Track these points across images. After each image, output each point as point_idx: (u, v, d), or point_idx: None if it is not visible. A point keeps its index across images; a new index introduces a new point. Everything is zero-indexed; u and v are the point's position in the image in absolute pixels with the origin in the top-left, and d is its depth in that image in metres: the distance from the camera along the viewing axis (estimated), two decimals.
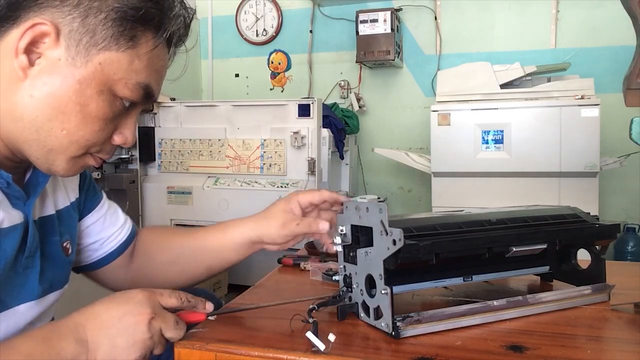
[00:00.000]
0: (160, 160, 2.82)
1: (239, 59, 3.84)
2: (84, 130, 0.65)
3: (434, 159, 2.70)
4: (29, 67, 0.62)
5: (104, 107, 0.65)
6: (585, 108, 2.44)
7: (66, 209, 0.81)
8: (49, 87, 0.62)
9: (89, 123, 0.65)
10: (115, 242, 0.91)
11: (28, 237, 0.69)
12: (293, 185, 2.55)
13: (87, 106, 0.64)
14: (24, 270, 0.69)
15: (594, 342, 0.71)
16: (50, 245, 0.75)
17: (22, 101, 0.62)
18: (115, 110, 0.66)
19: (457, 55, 3.29)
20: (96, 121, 0.65)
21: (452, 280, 0.87)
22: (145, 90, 0.68)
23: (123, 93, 0.65)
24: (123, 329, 0.63)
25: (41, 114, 0.63)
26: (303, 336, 0.68)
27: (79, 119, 0.64)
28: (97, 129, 0.66)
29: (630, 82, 0.97)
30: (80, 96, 0.63)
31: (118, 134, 0.70)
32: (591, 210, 0.99)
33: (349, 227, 0.81)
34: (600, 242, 0.91)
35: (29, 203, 0.70)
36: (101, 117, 0.65)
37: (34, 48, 0.61)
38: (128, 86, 0.65)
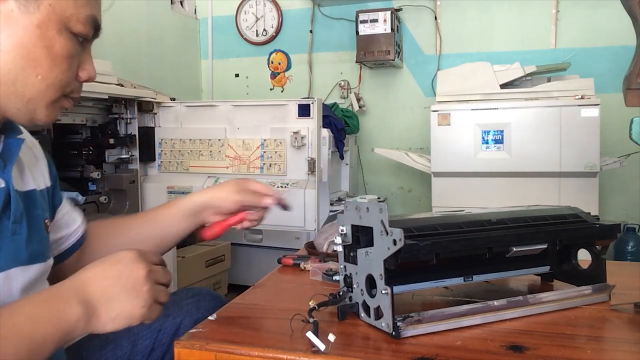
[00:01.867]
0: (160, 160, 2.82)
1: (239, 59, 3.84)
2: (56, 71, 0.68)
3: (434, 159, 2.70)
4: None
5: (67, 44, 0.68)
6: (585, 108, 2.44)
7: (44, 190, 0.83)
8: (13, 38, 0.65)
9: (58, 63, 0.68)
10: (73, 239, 0.91)
11: (11, 201, 0.70)
12: (293, 185, 2.55)
13: (53, 47, 0.67)
14: (12, 235, 0.71)
15: (594, 342, 0.71)
16: (34, 218, 0.76)
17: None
18: (76, 47, 0.69)
19: (457, 55, 3.29)
20: (64, 60, 0.68)
21: (453, 280, 0.87)
22: (94, 23, 0.71)
23: (77, 29, 0.68)
24: (124, 285, 0.66)
25: (13, 66, 0.65)
26: (303, 336, 0.68)
27: (49, 61, 0.67)
28: (66, 68, 0.69)
29: (630, 82, 0.97)
30: (44, 39, 0.66)
31: (82, 71, 0.73)
32: (591, 210, 0.99)
33: (350, 227, 0.81)
34: (600, 242, 0.91)
35: (7, 170, 0.71)
36: (66, 55, 0.68)
37: None
38: (80, 21, 0.68)
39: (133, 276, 0.66)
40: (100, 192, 2.42)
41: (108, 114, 2.50)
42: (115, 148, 2.56)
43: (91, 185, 2.37)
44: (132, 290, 0.66)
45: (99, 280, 0.66)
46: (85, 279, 0.66)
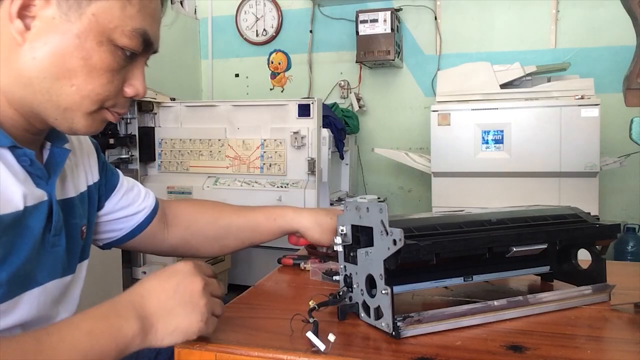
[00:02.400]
0: (160, 160, 2.82)
1: (239, 59, 3.84)
2: (93, 83, 0.65)
3: (434, 159, 2.70)
4: (26, 31, 0.62)
5: (107, 58, 0.65)
6: (585, 108, 2.44)
7: (86, 192, 0.82)
8: (49, 46, 0.62)
9: (95, 76, 0.65)
10: (143, 213, 0.94)
11: (53, 216, 0.70)
12: (293, 185, 2.55)
13: (90, 59, 0.64)
14: (52, 248, 0.71)
15: (594, 342, 0.71)
16: (72, 227, 0.76)
17: (25, 66, 0.63)
18: (119, 61, 0.66)
19: (457, 55, 3.29)
20: (102, 73, 0.65)
21: (453, 280, 0.87)
22: (143, 37, 0.67)
23: (122, 42, 0.65)
24: (181, 299, 0.65)
25: (48, 75, 0.63)
26: (303, 336, 0.68)
27: (85, 73, 0.64)
28: (105, 82, 0.66)
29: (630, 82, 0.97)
30: (81, 50, 0.63)
31: (128, 86, 0.70)
32: (591, 210, 0.99)
33: (349, 227, 0.81)
34: (600, 242, 0.91)
35: (51, 182, 0.70)
36: (106, 68, 0.65)
37: (26, 12, 0.62)
38: (125, 34, 0.65)
39: (190, 289, 0.66)
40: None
41: None
42: (115, 148, 2.56)
43: None
44: (189, 304, 0.65)
45: (156, 294, 0.65)
46: (142, 292, 0.65)
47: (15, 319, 0.64)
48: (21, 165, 0.66)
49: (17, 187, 0.64)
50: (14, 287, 0.63)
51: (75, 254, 0.77)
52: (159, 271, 0.69)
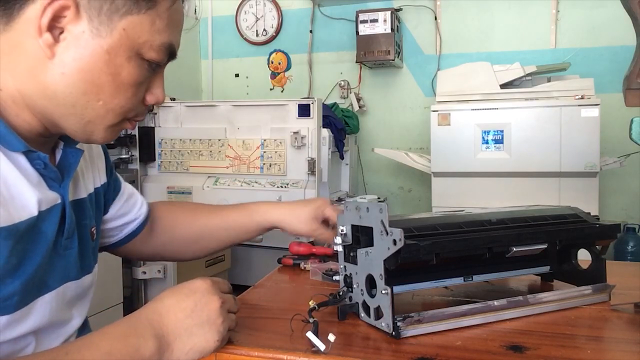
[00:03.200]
0: (160, 160, 2.82)
1: (239, 59, 3.84)
2: (119, 98, 0.65)
3: (434, 159, 2.70)
4: (55, 44, 0.61)
5: (135, 72, 0.65)
6: (585, 108, 2.44)
7: (95, 192, 0.82)
8: (79, 62, 0.62)
9: (122, 90, 0.65)
10: (137, 221, 0.95)
11: (66, 219, 0.69)
12: (293, 185, 2.55)
13: (119, 75, 0.64)
14: (65, 251, 0.70)
15: (594, 342, 0.71)
16: (83, 229, 0.76)
17: (53, 79, 0.62)
18: (144, 74, 0.67)
19: (457, 55, 3.29)
20: (129, 88, 0.65)
21: (453, 280, 0.86)
22: (169, 50, 0.68)
23: (149, 56, 0.65)
24: (198, 318, 0.65)
25: (75, 90, 0.63)
26: (303, 336, 0.68)
27: (112, 88, 0.64)
28: (131, 95, 0.66)
29: (630, 82, 0.97)
30: (110, 66, 0.63)
31: (150, 95, 0.70)
32: (591, 210, 0.99)
33: (349, 227, 0.81)
34: (600, 242, 0.91)
35: (64, 184, 0.70)
36: (133, 83, 0.65)
37: (55, 24, 0.60)
38: (153, 48, 0.65)
39: (207, 309, 0.65)
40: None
41: None
42: (115, 148, 2.56)
43: None
44: (207, 324, 0.65)
45: (174, 312, 0.65)
46: (161, 310, 0.65)
47: (28, 326, 0.64)
48: (35, 168, 0.65)
49: (31, 193, 0.63)
50: (27, 294, 0.63)
51: (87, 256, 0.77)
52: (177, 288, 0.68)
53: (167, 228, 1.01)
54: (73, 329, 0.74)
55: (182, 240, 1.01)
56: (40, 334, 0.67)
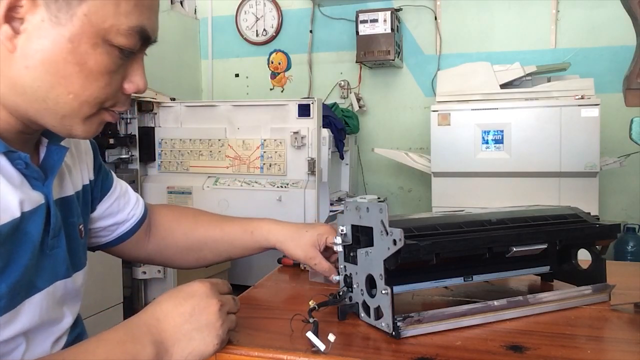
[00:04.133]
0: (160, 160, 2.82)
1: (239, 59, 3.84)
2: (90, 88, 0.61)
3: (434, 159, 2.70)
4: (15, 36, 0.58)
5: (104, 60, 0.61)
6: (585, 108, 2.44)
7: (82, 190, 0.81)
8: (41, 54, 0.58)
9: (92, 80, 0.61)
10: (131, 222, 0.92)
11: (51, 218, 0.67)
12: (293, 185, 2.55)
13: (86, 64, 0.60)
14: (52, 250, 0.68)
15: (594, 342, 0.71)
16: (70, 227, 0.74)
17: (19, 74, 0.59)
18: (116, 61, 0.62)
19: (457, 55, 3.29)
20: (100, 77, 0.61)
21: (453, 280, 0.86)
22: (140, 34, 0.62)
23: (118, 41, 0.60)
24: (197, 322, 0.64)
25: (42, 84, 0.59)
26: (303, 336, 0.68)
27: (81, 78, 0.60)
28: (104, 85, 0.62)
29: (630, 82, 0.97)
30: (75, 55, 0.59)
31: (128, 83, 0.66)
32: (591, 210, 0.99)
33: (349, 227, 0.81)
34: (600, 242, 0.91)
35: (47, 183, 0.68)
36: (103, 71, 0.61)
37: (13, 14, 0.57)
38: (121, 33, 0.60)
39: (206, 313, 0.65)
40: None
41: None
42: (115, 148, 2.56)
43: None
44: (205, 328, 0.64)
45: (172, 317, 0.64)
46: (159, 316, 0.64)
47: (17, 328, 0.62)
48: (17, 169, 0.63)
49: (13, 194, 0.61)
50: (14, 296, 0.61)
51: (76, 253, 0.76)
52: (174, 291, 0.67)
53: (164, 234, 0.98)
54: (64, 327, 0.73)
55: (178, 248, 0.98)
56: (31, 334, 0.66)
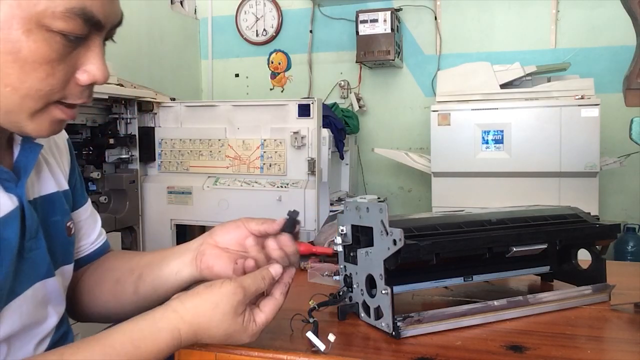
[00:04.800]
0: (160, 160, 2.82)
1: (239, 59, 3.84)
2: (29, 80, 0.54)
3: (434, 159, 2.70)
4: None
5: (40, 47, 0.54)
6: (585, 108, 2.44)
7: (68, 191, 0.77)
8: None
9: (30, 71, 0.54)
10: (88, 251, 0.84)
11: (26, 220, 0.64)
12: (293, 185, 2.55)
13: (19, 52, 0.53)
14: (29, 253, 0.65)
15: (594, 342, 0.71)
16: (53, 225, 0.71)
17: None
18: (58, 48, 0.55)
19: (457, 55, 3.29)
20: (38, 66, 0.54)
21: (453, 280, 0.87)
22: (83, 17, 0.55)
23: (57, 26, 0.53)
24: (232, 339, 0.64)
25: None
26: (303, 336, 0.68)
27: (16, 69, 0.54)
28: (44, 75, 0.55)
29: (630, 82, 0.97)
30: (6, 44, 0.52)
31: (82, 73, 0.58)
32: (591, 210, 0.99)
33: (349, 227, 0.81)
34: (600, 242, 0.91)
35: (20, 184, 0.63)
36: (41, 60, 0.54)
37: None
38: (57, 15, 0.53)
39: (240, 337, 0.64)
40: (100, 192, 2.42)
41: (108, 114, 2.50)
42: (115, 148, 2.56)
43: (91, 185, 2.37)
44: (238, 334, 0.64)
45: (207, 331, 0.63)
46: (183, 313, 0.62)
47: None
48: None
49: None
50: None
51: (60, 251, 0.72)
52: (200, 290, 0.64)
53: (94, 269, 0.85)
54: (49, 328, 0.70)
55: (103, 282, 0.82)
56: (12, 339, 0.63)
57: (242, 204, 2.59)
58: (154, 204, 2.74)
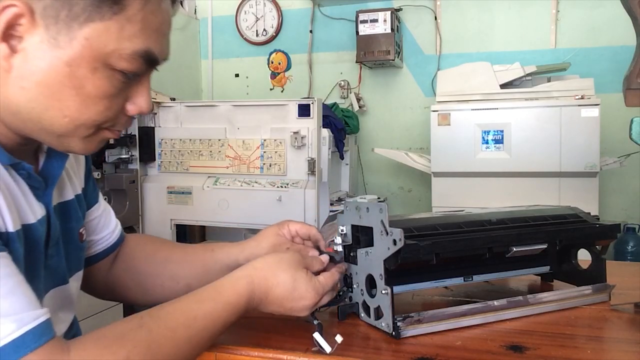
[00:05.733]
0: (160, 160, 2.82)
1: (239, 59, 3.84)
2: (87, 113, 0.59)
3: (434, 159, 2.70)
4: (12, 54, 0.55)
5: (103, 85, 0.58)
6: (585, 108, 2.44)
7: (80, 195, 0.79)
8: (37, 75, 0.56)
9: (90, 105, 0.59)
10: (104, 244, 0.87)
11: (51, 228, 0.67)
12: (293, 185, 2.55)
13: (83, 88, 0.57)
14: (50, 260, 0.67)
15: (594, 342, 0.71)
16: (69, 232, 0.73)
17: (14, 94, 0.57)
18: (116, 85, 0.60)
19: (457, 55, 3.29)
20: (98, 101, 0.59)
21: (453, 280, 0.87)
22: (145, 57, 0.59)
23: (121, 66, 0.58)
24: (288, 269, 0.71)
25: (37, 105, 0.57)
26: (303, 336, 0.68)
27: (77, 102, 0.58)
28: (102, 109, 0.60)
29: (630, 82, 0.97)
30: (72, 79, 0.57)
31: (131, 105, 0.63)
32: (591, 210, 0.99)
33: (349, 227, 0.81)
34: (600, 242, 0.91)
35: (48, 192, 0.67)
36: (102, 95, 0.59)
37: (12, 32, 0.55)
38: (124, 57, 0.58)
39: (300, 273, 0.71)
40: (100, 192, 2.42)
41: None
42: (115, 148, 2.56)
43: None
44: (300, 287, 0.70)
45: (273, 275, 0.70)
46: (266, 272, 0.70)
47: None
48: (22, 179, 0.63)
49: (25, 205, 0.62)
50: None
51: (73, 258, 0.75)
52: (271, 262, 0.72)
53: (126, 258, 0.90)
54: (59, 334, 0.72)
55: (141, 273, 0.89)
56: None
57: (242, 204, 2.60)
58: (154, 204, 2.74)
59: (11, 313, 0.50)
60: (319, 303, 0.73)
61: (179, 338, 0.60)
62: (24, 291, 0.53)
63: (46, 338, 0.52)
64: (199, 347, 0.63)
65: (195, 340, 0.62)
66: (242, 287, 0.68)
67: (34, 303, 0.53)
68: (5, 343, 0.49)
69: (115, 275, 0.89)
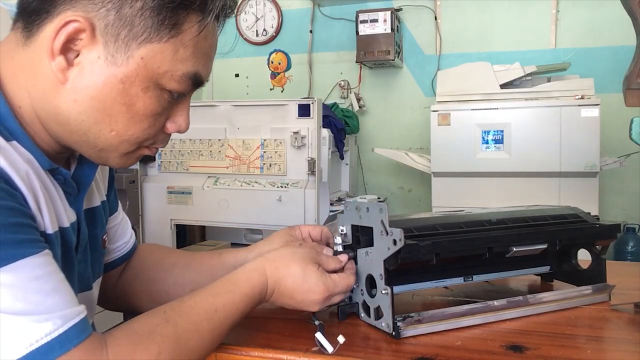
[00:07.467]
0: (160, 160, 2.82)
1: (239, 59, 3.84)
2: (133, 129, 0.62)
3: (434, 159, 2.70)
4: (68, 67, 0.58)
5: (152, 103, 0.61)
6: (585, 108, 2.44)
7: (105, 202, 0.81)
8: (91, 90, 0.58)
9: (137, 121, 0.61)
10: (118, 254, 0.88)
11: (80, 233, 0.69)
12: (293, 185, 2.55)
13: (134, 105, 0.60)
14: (79, 264, 0.69)
15: (594, 342, 0.71)
16: (94, 239, 0.75)
17: (65, 106, 0.59)
18: (163, 104, 0.62)
19: (457, 55, 3.29)
20: (145, 119, 0.62)
21: (453, 280, 0.87)
22: (193, 79, 0.63)
23: (171, 86, 0.61)
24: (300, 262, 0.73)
25: (87, 118, 0.60)
26: (303, 336, 0.68)
27: (126, 119, 0.61)
28: (147, 126, 0.62)
29: (630, 82, 0.97)
30: (125, 96, 0.59)
31: (171, 123, 0.66)
32: (591, 210, 0.99)
33: (349, 227, 0.81)
34: (600, 242, 0.91)
35: (79, 198, 0.69)
36: (149, 114, 0.61)
37: (71, 46, 0.57)
38: (175, 78, 0.61)
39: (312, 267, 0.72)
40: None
41: None
42: None
43: None
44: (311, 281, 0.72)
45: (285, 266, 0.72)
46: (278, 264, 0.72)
47: None
48: (59, 184, 0.65)
49: (60, 208, 0.64)
50: None
51: (96, 265, 0.76)
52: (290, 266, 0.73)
53: (134, 264, 0.91)
54: None
55: (144, 279, 0.89)
56: None
57: (242, 204, 2.59)
58: (154, 204, 2.74)
59: (57, 309, 0.52)
60: (329, 301, 0.74)
61: (203, 331, 0.62)
62: (66, 288, 0.55)
63: (87, 333, 0.54)
64: (220, 338, 0.66)
65: (217, 332, 0.64)
66: (255, 279, 0.70)
67: (75, 300, 0.56)
68: (53, 337, 0.51)
69: (124, 283, 0.89)
